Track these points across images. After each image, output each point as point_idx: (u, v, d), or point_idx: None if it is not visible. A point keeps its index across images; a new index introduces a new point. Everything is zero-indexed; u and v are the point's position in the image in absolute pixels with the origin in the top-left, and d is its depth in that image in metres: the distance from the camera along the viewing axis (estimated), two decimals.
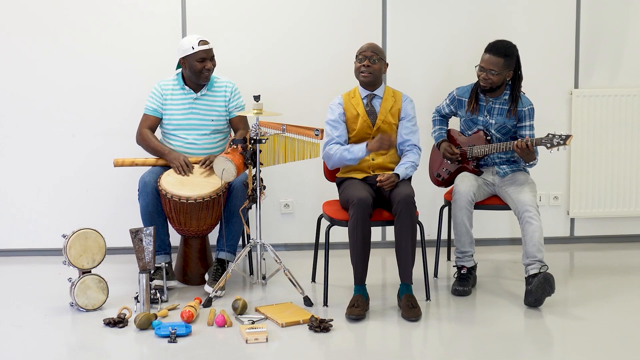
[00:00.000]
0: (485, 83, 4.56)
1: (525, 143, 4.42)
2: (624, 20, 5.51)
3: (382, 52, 4.55)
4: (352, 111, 4.57)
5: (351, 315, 4.22)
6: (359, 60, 4.52)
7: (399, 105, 4.58)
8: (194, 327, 4.07)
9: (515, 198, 4.52)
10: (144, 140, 4.80)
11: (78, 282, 4.30)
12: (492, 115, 4.64)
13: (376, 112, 4.55)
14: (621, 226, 5.69)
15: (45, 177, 5.35)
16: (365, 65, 4.49)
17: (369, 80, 4.52)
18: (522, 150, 4.46)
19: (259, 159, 4.41)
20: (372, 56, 4.49)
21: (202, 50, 4.69)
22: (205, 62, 4.70)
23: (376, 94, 4.58)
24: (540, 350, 3.94)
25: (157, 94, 4.82)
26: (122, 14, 5.27)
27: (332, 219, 4.45)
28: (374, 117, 4.55)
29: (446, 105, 4.83)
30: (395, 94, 4.62)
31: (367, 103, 4.56)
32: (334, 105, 4.61)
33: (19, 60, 5.26)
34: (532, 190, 4.57)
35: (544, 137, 4.43)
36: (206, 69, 4.71)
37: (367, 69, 4.49)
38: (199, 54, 4.69)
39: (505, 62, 4.51)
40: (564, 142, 4.39)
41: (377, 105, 4.56)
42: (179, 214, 4.59)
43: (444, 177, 4.86)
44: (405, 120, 4.57)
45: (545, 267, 4.38)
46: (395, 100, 4.59)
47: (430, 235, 5.21)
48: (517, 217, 4.51)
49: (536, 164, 4.62)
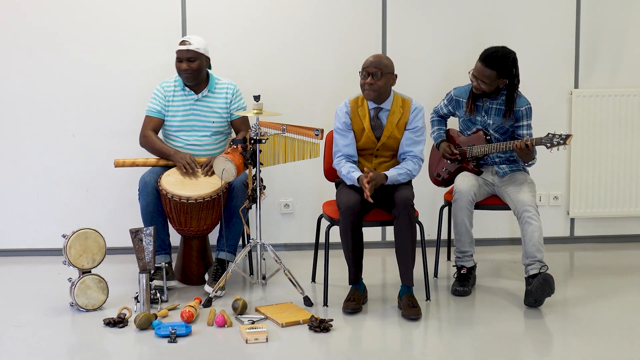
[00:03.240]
0: (477, 90, 4.56)
1: (525, 143, 4.42)
2: (624, 20, 5.52)
3: (387, 66, 4.35)
4: (358, 123, 4.45)
5: (347, 309, 4.25)
6: (363, 76, 4.36)
7: (406, 118, 4.44)
8: (194, 327, 4.07)
9: (515, 198, 4.52)
10: (148, 142, 4.78)
11: (78, 282, 4.30)
12: (489, 116, 4.64)
13: (382, 125, 4.44)
14: (621, 226, 5.69)
15: (45, 177, 5.35)
16: (368, 83, 4.33)
17: (372, 97, 4.38)
18: (522, 151, 4.45)
19: (259, 159, 4.41)
20: (375, 72, 4.31)
21: (178, 50, 4.69)
22: (182, 62, 4.68)
23: (383, 107, 4.44)
24: (540, 350, 3.94)
25: (160, 95, 4.81)
26: (122, 14, 5.27)
27: (332, 219, 4.45)
28: (380, 131, 4.44)
29: (444, 105, 4.83)
30: (404, 103, 4.45)
31: (374, 116, 4.44)
32: (340, 112, 4.48)
33: (19, 60, 5.26)
34: (532, 190, 4.57)
35: (543, 137, 4.43)
36: (182, 69, 4.68)
37: (370, 86, 4.33)
38: (177, 53, 4.70)
39: (498, 74, 4.48)
40: (564, 141, 4.38)
41: (384, 118, 4.44)
42: (179, 214, 4.60)
43: (444, 177, 4.86)
44: (410, 131, 4.43)
45: (545, 267, 4.37)
46: (404, 111, 4.44)
47: (430, 235, 5.21)
48: (517, 217, 4.51)
49: (534, 163, 4.62)
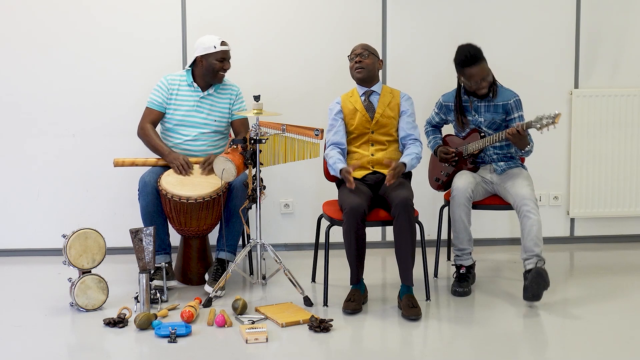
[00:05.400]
0: (482, 91, 4.58)
1: (516, 129, 4.43)
2: (624, 20, 5.52)
3: (372, 49, 4.63)
4: (349, 107, 4.62)
5: (347, 309, 4.26)
6: (351, 59, 4.61)
7: (397, 101, 4.62)
8: (194, 327, 4.07)
9: (514, 192, 4.53)
10: (145, 135, 4.79)
11: (78, 282, 4.30)
12: (480, 114, 4.65)
13: (374, 106, 4.59)
14: (621, 226, 5.69)
15: (45, 177, 5.35)
16: (357, 61, 4.56)
17: (363, 75, 4.57)
18: (515, 137, 4.46)
19: (259, 159, 4.41)
20: (362, 52, 4.57)
21: (223, 51, 4.75)
22: (224, 62, 4.77)
23: (374, 90, 4.62)
24: (539, 350, 3.94)
25: (164, 87, 4.82)
26: (122, 14, 5.27)
27: (332, 219, 4.45)
28: (372, 112, 4.58)
29: (435, 114, 4.86)
30: (394, 91, 4.66)
31: (365, 99, 4.61)
32: (332, 106, 4.68)
33: (19, 60, 5.27)
34: (530, 185, 4.57)
35: (533, 120, 4.42)
36: (224, 69, 4.77)
37: (359, 64, 4.56)
38: (220, 53, 4.74)
39: (485, 64, 4.55)
40: (552, 120, 4.36)
41: (375, 101, 4.61)
42: (179, 214, 4.60)
43: (443, 180, 4.86)
44: (406, 115, 4.61)
45: (542, 261, 4.38)
46: (394, 96, 4.63)
47: (430, 236, 5.21)
48: (516, 211, 4.52)
49: (532, 150, 4.62)
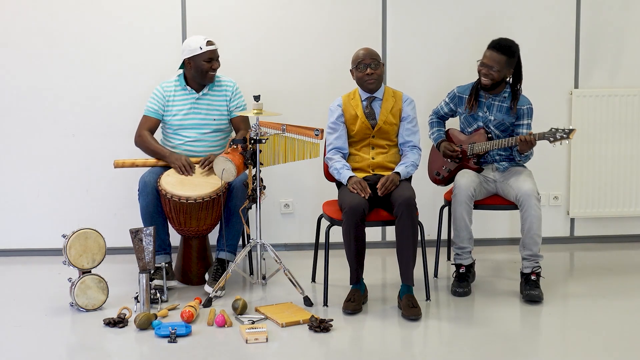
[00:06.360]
0: (486, 78, 4.56)
1: (529, 139, 4.42)
2: (624, 20, 5.51)
3: (379, 56, 4.56)
4: (350, 112, 4.57)
5: (347, 309, 4.26)
6: (360, 69, 4.50)
7: (399, 105, 4.58)
8: (194, 327, 4.07)
9: (517, 187, 4.53)
10: (143, 142, 4.80)
11: (78, 282, 4.30)
12: (491, 112, 4.65)
13: (376, 114, 4.55)
14: (621, 226, 5.69)
15: (45, 177, 5.35)
16: (368, 73, 4.48)
17: (375, 87, 4.52)
18: (523, 144, 4.47)
19: (259, 159, 4.41)
20: (371, 62, 4.48)
21: (210, 51, 4.74)
22: (212, 62, 4.75)
23: (376, 96, 4.57)
24: (540, 350, 3.94)
25: (159, 95, 4.82)
26: (122, 14, 5.27)
27: (332, 219, 4.45)
28: (374, 120, 4.55)
29: (445, 104, 4.83)
30: (396, 94, 4.61)
31: (367, 105, 4.56)
32: (333, 107, 4.62)
33: (19, 60, 5.26)
34: (533, 181, 4.57)
35: (547, 132, 4.43)
36: (213, 68, 4.76)
37: (371, 76, 4.48)
38: (207, 54, 4.72)
39: (507, 60, 4.52)
40: (567, 135, 4.38)
41: (377, 107, 4.56)
42: (179, 214, 4.59)
43: (444, 176, 4.86)
44: (406, 121, 4.57)
45: (538, 267, 4.40)
46: (396, 100, 4.59)
47: (430, 236, 5.21)
48: (518, 205, 4.53)
49: (530, 157, 4.63)
